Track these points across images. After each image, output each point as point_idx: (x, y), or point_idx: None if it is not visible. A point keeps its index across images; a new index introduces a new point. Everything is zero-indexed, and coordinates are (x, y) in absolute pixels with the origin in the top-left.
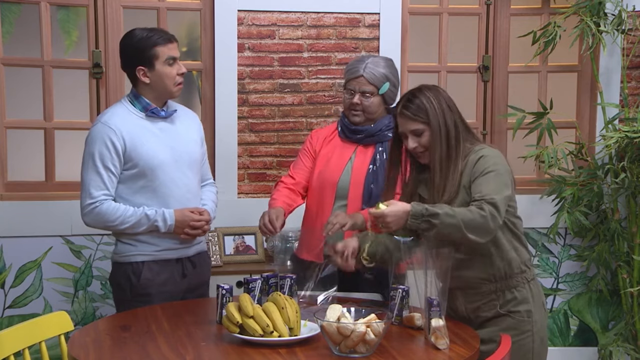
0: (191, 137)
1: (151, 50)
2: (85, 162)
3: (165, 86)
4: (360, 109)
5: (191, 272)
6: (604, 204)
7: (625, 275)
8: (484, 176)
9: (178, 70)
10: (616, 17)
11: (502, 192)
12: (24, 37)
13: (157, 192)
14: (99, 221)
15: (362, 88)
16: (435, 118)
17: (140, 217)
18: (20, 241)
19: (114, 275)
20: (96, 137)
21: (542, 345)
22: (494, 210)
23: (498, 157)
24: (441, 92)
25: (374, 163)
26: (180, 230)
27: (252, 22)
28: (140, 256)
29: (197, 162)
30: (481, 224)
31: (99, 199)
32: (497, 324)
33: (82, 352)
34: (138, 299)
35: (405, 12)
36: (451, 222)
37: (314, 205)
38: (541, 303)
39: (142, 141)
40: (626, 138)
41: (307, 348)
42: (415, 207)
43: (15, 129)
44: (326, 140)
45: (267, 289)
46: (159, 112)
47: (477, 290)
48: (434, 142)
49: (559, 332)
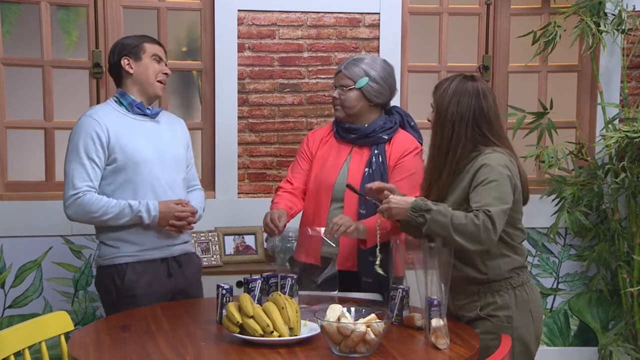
0: (176, 139)
1: (139, 45)
2: (69, 154)
3: (147, 78)
4: (339, 104)
5: (177, 272)
6: (604, 203)
7: (625, 275)
8: (485, 186)
9: (162, 69)
10: (616, 17)
11: (501, 204)
12: (24, 37)
13: (138, 188)
14: (81, 212)
15: (340, 82)
16: (440, 104)
17: (123, 208)
18: (20, 241)
19: (99, 279)
20: (81, 129)
21: (526, 351)
22: (488, 222)
23: (502, 166)
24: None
25: (369, 166)
26: (164, 221)
27: (252, 22)
28: (123, 257)
29: (181, 162)
30: (471, 231)
31: (82, 189)
32: (477, 327)
33: (82, 352)
34: (125, 301)
35: (405, 12)
36: (441, 220)
37: (311, 208)
38: (528, 310)
39: (127, 136)
40: (626, 138)
41: (307, 348)
42: (417, 201)
43: (16, 129)
44: (322, 141)
45: (267, 289)
46: (144, 108)
47: (461, 289)
48: (435, 125)
49: (559, 332)
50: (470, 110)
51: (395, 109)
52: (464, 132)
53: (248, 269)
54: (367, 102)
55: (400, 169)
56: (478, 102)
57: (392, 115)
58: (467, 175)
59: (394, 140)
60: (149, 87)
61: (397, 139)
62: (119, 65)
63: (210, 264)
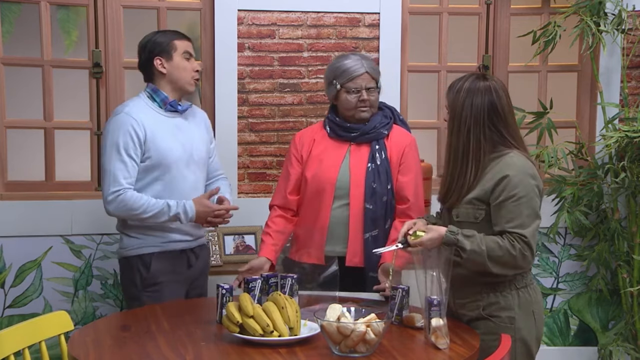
0: (201, 136)
1: (170, 42)
2: (108, 152)
3: (181, 77)
4: (369, 105)
5: (195, 264)
6: (604, 203)
7: (625, 274)
8: (516, 202)
9: (194, 66)
10: (616, 16)
11: (534, 222)
12: (24, 36)
13: (167, 186)
14: (122, 209)
15: (368, 84)
16: (453, 105)
17: (162, 207)
18: (20, 241)
19: (124, 270)
20: (120, 126)
21: (527, 352)
22: (525, 248)
23: (528, 176)
24: (478, 87)
25: (372, 161)
26: (201, 220)
27: (252, 21)
28: (148, 248)
29: (204, 161)
30: (508, 261)
31: (124, 186)
32: (479, 327)
33: (82, 352)
34: (149, 290)
35: (405, 11)
36: (477, 260)
37: (312, 208)
38: (530, 311)
39: (160, 135)
40: (626, 138)
41: (307, 348)
42: (447, 236)
43: (15, 128)
44: (314, 141)
45: (267, 289)
46: (177, 105)
47: (464, 288)
48: (449, 126)
49: (559, 332)
50: (484, 109)
51: (383, 104)
52: (480, 133)
53: None
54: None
55: (404, 169)
56: (491, 100)
57: (383, 110)
58: (487, 177)
59: (391, 134)
60: (182, 86)
61: (394, 134)
62: (151, 64)
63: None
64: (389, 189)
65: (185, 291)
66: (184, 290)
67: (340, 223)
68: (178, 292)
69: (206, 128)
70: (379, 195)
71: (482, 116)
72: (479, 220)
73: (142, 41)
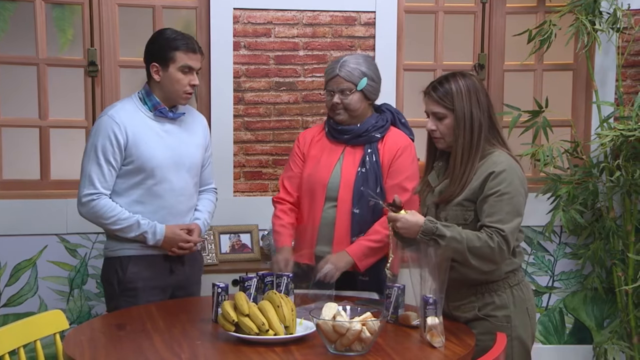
0: (195, 142)
1: (170, 52)
2: (87, 153)
3: (173, 91)
4: (341, 108)
5: (179, 269)
6: (599, 202)
7: (620, 273)
8: (498, 198)
9: (190, 80)
10: (611, 15)
11: (514, 219)
12: (19, 35)
13: (151, 190)
14: (93, 215)
15: (340, 87)
16: (461, 107)
17: (132, 224)
18: (15, 239)
19: (104, 270)
20: (100, 129)
21: (524, 350)
22: (503, 243)
23: (513, 173)
24: (476, 84)
25: (363, 165)
26: (168, 246)
27: (247, 20)
28: (127, 250)
29: (196, 166)
30: (487, 254)
31: (100, 191)
32: (475, 327)
33: (78, 351)
34: (126, 294)
35: (401, 10)
36: (456, 247)
37: (305, 207)
38: (525, 309)
39: (145, 140)
40: (621, 136)
41: (302, 346)
42: (426, 224)
43: (10, 127)
44: (313, 141)
45: (263, 288)
46: (167, 112)
47: (458, 290)
48: (457, 131)
49: (554, 330)
50: (487, 107)
51: (386, 106)
52: (486, 131)
53: (244, 267)
54: (367, 101)
55: (394, 172)
56: (485, 105)
57: (383, 113)
58: (475, 176)
59: (386, 138)
60: (173, 99)
61: (389, 137)
62: (148, 65)
63: (206, 263)
64: (378, 192)
65: (168, 298)
66: (165, 297)
67: (329, 224)
68: (156, 299)
69: (203, 134)
70: (366, 200)
71: (487, 114)
72: (469, 221)
73: (152, 36)
